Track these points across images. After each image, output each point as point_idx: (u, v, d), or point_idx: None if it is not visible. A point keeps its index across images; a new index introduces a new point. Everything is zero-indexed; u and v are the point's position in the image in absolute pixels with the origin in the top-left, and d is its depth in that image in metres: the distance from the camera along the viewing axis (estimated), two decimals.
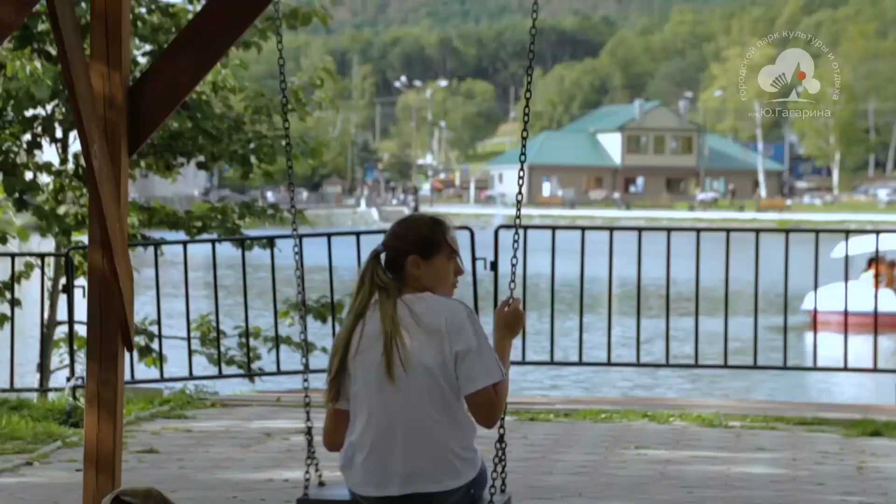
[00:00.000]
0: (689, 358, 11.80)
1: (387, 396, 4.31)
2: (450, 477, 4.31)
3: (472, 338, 4.29)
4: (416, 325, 4.31)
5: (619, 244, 10.85)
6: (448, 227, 4.53)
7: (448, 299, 4.40)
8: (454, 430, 4.32)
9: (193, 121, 12.05)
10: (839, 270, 12.49)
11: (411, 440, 4.29)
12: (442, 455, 4.29)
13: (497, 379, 4.32)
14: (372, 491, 4.37)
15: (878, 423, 9.20)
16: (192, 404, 9.90)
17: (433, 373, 4.28)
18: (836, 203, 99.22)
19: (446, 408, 4.31)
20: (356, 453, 4.39)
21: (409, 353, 4.28)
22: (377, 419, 4.33)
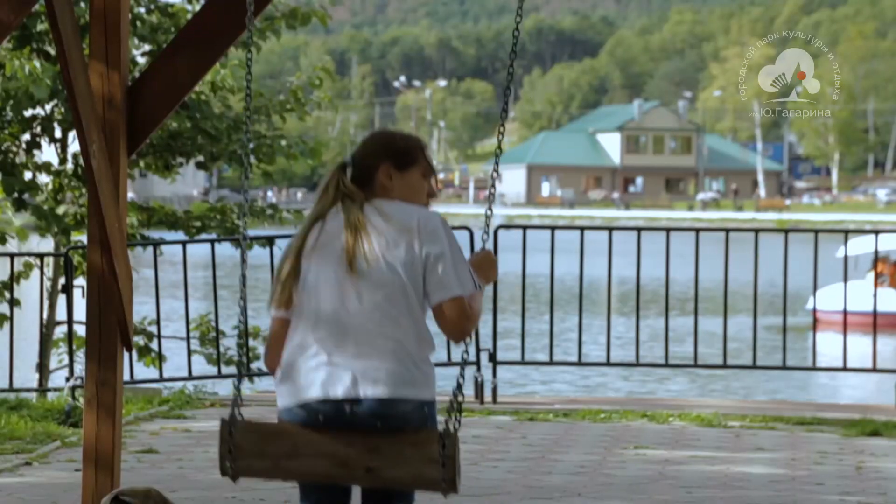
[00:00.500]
0: (688, 358, 11.80)
1: (343, 291, 3.95)
2: (405, 385, 3.91)
3: (445, 244, 3.97)
4: (386, 223, 3.97)
5: (618, 244, 10.85)
6: (425, 144, 4.24)
7: (422, 209, 4.05)
8: (414, 336, 3.94)
9: (192, 121, 12.05)
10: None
11: (366, 339, 3.92)
12: (398, 359, 3.91)
13: (471, 290, 3.96)
14: (315, 393, 3.94)
15: (877, 423, 9.20)
16: (191, 404, 9.89)
17: (398, 270, 3.92)
18: (836, 203, 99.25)
19: (409, 310, 3.94)
20: (299, 358, 3.99)
21: (374, 248, 3.94)
22: (329, 317, 3.96)
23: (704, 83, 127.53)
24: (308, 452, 3.94)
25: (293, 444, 3.96)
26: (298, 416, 4.01)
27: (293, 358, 4.03)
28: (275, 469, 4.03)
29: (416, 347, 3.96)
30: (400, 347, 3.93)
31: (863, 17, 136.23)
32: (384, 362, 3.91)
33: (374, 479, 3.92)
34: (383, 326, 3.93)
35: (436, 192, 4.19)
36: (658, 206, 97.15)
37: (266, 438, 4.02)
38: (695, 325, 10.81)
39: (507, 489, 7.13)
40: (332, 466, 3.92)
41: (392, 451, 3.89)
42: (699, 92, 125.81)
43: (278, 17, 12.28)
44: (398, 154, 4.15)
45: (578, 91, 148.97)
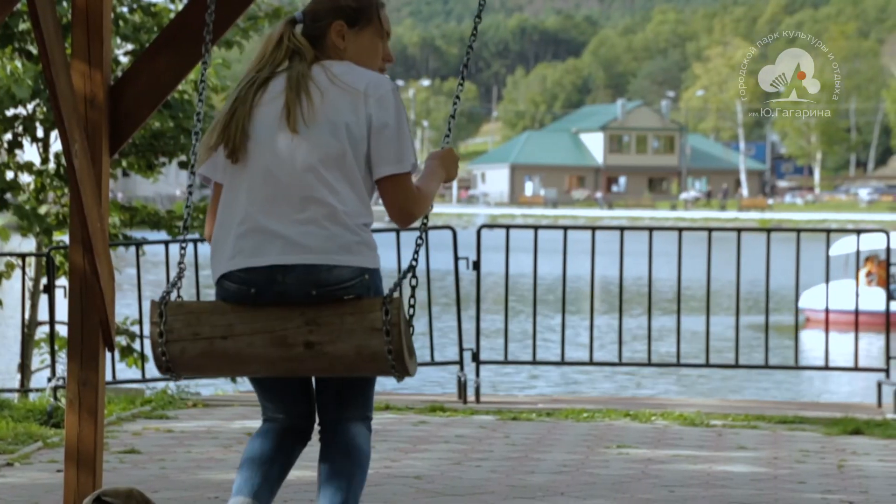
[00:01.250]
0: (671, 357, 11.84)
1: (278, 152, 3.71)
2: (339, 250, 3.67)
3: (392, 113, 3.75)
4: (331, 82, 3.75)
5: (601, 244, 10.87)
6: (383, 3, 4.01)
7: (374, 73, 3.82)
8: (351, 202, 3.70)
9: (175, 120, 12.04)
10: (835, 269, 12.55)
11: (299, 203, 3.68)
12: (332, 224, 3.67)
13: (409, 168, 3.74)
14: (244, 261, 3.72)
15: (858, 421, 9.24)
16: (174, 404, 9.88)
17: (339, 134, 3.70)
18: (818, 202, 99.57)
19: (346, 176, 3.71)
20: (228, 224, 3.77)
21: (315, 109, 3.70)
22: (261, 179, 3.72)
23: (687, 83, 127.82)
24: (243, 331, 3.67)
25: (228, 322, 3.69)
26: (230, 290, 3.76)
27: (223, 224, 3.79)
28: (210, 352, 3.70)
29: (352, 213, 3.70)
30: (333, 213, 3.67)
31: (845, 17, 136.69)
32: (317, 227, 3.66)
33: (316, 356, 3.64)
34: (317, 191, 3.68)
35: (392, 56, 3.99)
36: (641, 206, 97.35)
37: (200, 318, 3.74)
38: (677, 325, 10.84)
39: (489, 488, 7.14)
40: (270, 344, 3.64)
41: (331, 322, 3.61)
42: (682, 91, 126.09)
43: (261, 17, 12.27)
44: (352, 11, 3.91)
45: (561, 90, 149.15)
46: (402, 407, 9.81)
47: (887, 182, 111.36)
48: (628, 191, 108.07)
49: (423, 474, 7.49)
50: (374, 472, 7.60)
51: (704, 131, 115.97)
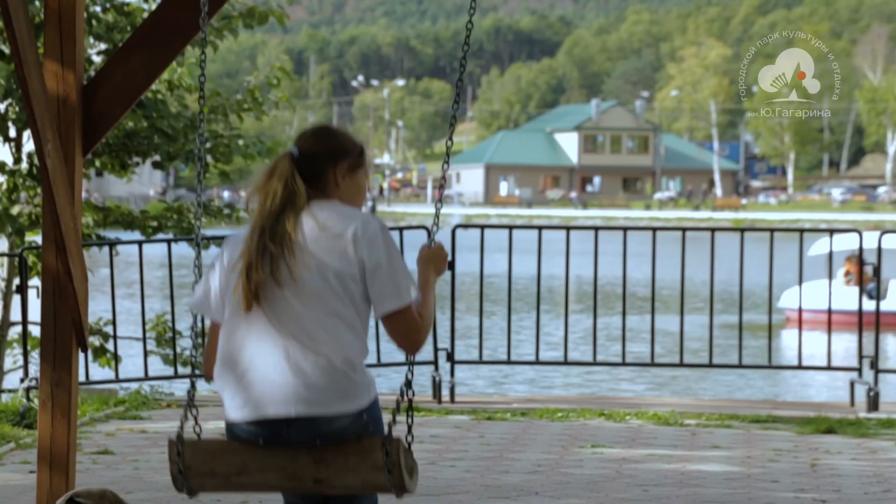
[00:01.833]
0: (645, 356, 11.85)
1: (273, 303, 3.84)
2: (338, 400, 3.81)
3: (383, 252, 3.84)
4: (321, 230, 3.84)
5: (575, 244, 10.88)
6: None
7: (359, 213, 3.92)
8: (348, 345, 3.82)
9: (149, 120, 11.99)
10: (816, 269, 12.56)
11: (296, 354, 3.80)
12: (329, 374, 3.80)
13: (408, 301, 3.83)
14: (247, 414, 3.85)
15: (831, 420, 9.28)
16: (148, 405, 9.85)
17: (329, 280, 3.80)
18: (791, 202, 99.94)
19: (340, 321, 3.82)
20: (230, 370, 3.91)
21: (304, 260, 3.82)
22: (258, 328, 3.85)
23: (661, 83, 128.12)
24: (256, 468, 3.91)
25: (241, 461, 3.93)
26: (240, 435, 3.95)
27: (225, 370, 3.95)
28: (227, 484, 3.98)
29: (347, 358, 3.84)
30: (329, 363, 3.81)
31: (818, 18, 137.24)
32: (315, 379, 3.81)
33: (326, 488, 3.90)
34: (313, 340, 3.81)
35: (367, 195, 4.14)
36: (615, 206, 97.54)
37: (215, 457, 3.97)
38: (651, 324, 10.86)
39: (464, 488, 7.14)
40: (282, 479, 3.91)
41: (337, 462, 3.85)
42: (656, 91, 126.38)
43: (235, 17, 12.24)
44: (353, 154, 4.03)
45: (536, 90, 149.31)
46: None
47: (860, 182, 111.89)
48: (603, 191, 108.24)
49: None
50: None
51: (678, 131, 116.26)
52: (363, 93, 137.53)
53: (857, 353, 10.47)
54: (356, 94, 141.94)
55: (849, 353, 10.68)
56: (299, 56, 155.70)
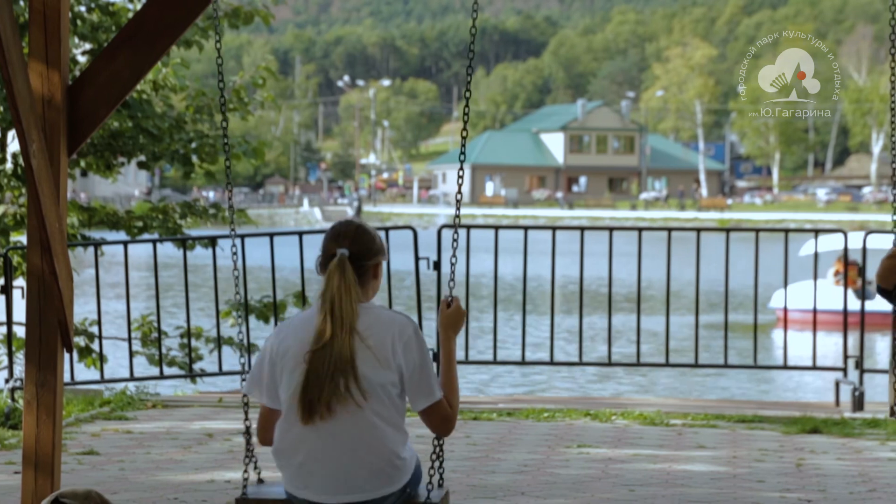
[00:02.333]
0: (631, 356, 11.87)
1: (328, 413, 4.34)
2: (387, 484, 4.38)
3: (417, 356, 4.35)
4: (365, 346, 4.31)
5: (561, 244, 10.89)
6: None
7: (395, 314, 4.40)
8: (392, 441, 4.37)
9: (134, 120, 11.97)
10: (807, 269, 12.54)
11: (349, 452, 4.33)
12: (379, 465, 4.35)
13: (440, 396, 4.39)
14: (308, 494, 4.38)
15: (816, 420, 9.30)
16: (133, 405, 9.83)
17: (377, 390, 4.31)
18: (777, 202, 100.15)
19: (386, 420, 4.35)
20: (290, 455, 4.38)
21: (358, 376, 4.31)
22: (312, 434, 4.34)
23: (647, 83, 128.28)
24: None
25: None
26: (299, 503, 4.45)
27: (283, 456, 4.40)
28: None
29: (396, 448, 4.38)
30: (381, 455, 4.35)
31: (802, 18, 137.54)
32: (369, 471, 4.35)
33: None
34: (365, 439, 4.32)
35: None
36: (601, 206, 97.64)
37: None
38: (637, 324, 10.87)
39: (451, 488, 7.13)
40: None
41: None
42: (642, 92, 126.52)
43: (221, 17, 12.22)
44: (384, 253, 4.50)
45: (522, 91, 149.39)
46: None
47: (845, 182, 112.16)
48: (588, 191, 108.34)
49: None
50: None
51: (664, 131, 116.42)
52: (349, 93, 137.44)
53: (843, 353, 10.49)
54: (342, 94, 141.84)
55: (838, 352, 10.68)
56: (285, 56, 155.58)
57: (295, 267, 11.11)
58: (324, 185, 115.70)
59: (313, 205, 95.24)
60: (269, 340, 4.40)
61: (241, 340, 5.23)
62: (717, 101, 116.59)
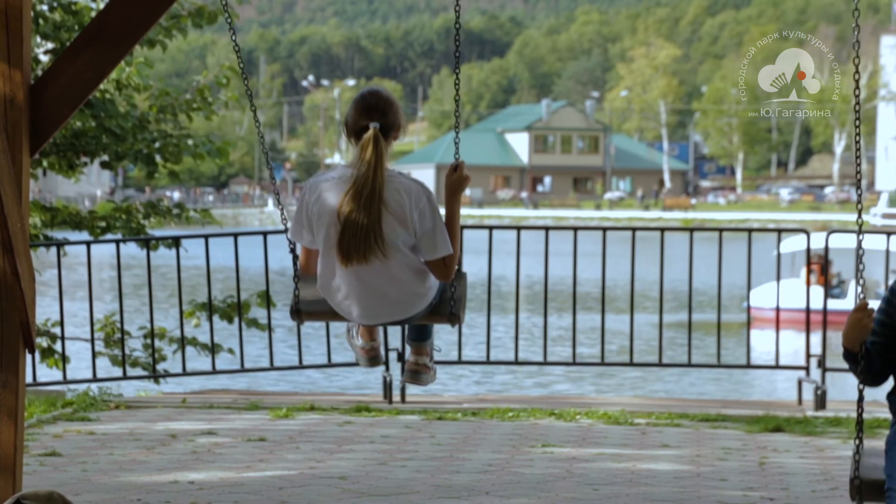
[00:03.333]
0: (596, 356, 11.90)
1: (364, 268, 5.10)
2: (415, 308, 5.24)
3: (429, 221, 5.11)
4: (386, 209, 5.04)
5: (526, 243, 10.91)
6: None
7: (412, 182, 5.10)
8: (412, 283, 5.16)
9: (97, 119, 11.91)
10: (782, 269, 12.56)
11: (380, 291, 5.14)
12: (404, 299, 5.19)
13: (445, 254, 5.15)
14: (354, 318, 5.25)
15: (779, 419, 9.35)
16: (96, 406, 9.79)
17: (398, 245, 5.08)
18: (740, 202, 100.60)
19: (407, 266, 5.13)
20: (336, 292, 5.18)
21: (385, 237, 5.07)
22: (351, 275, 5.11)
23: (611, 83, 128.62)
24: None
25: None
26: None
27: (328, 289, 5.21)
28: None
29: (419, 283, 5.18)
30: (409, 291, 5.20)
31: (766, 19, 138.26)
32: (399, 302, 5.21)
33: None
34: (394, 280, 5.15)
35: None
36: (566, 206, 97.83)
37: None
38: (602, 324, 10.90)
39: (415, 488, 7.15)
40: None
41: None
42: (606, 92, 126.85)
43: (184, 16, 12.18)
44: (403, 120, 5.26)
45: (487, 91, 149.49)
46: (327, 407, 9.78)
47: (807, 182, 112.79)
48: (553, 190, 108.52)
49: (349, 474, 7.48)
50: (298, 472, 7.58)
51: (628, 131, 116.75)
52: (314, 92, 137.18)
53: (805, 352, 10.55)
54: (307, 94, 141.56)
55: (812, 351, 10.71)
56: (249, 56, 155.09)
57: (259, 267, 11.09)
58: (289, 185, 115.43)
59: (278, 205, 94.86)
60: (305, 195, 5.16)
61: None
62: (680, 101, 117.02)
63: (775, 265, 11.43)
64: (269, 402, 10.02)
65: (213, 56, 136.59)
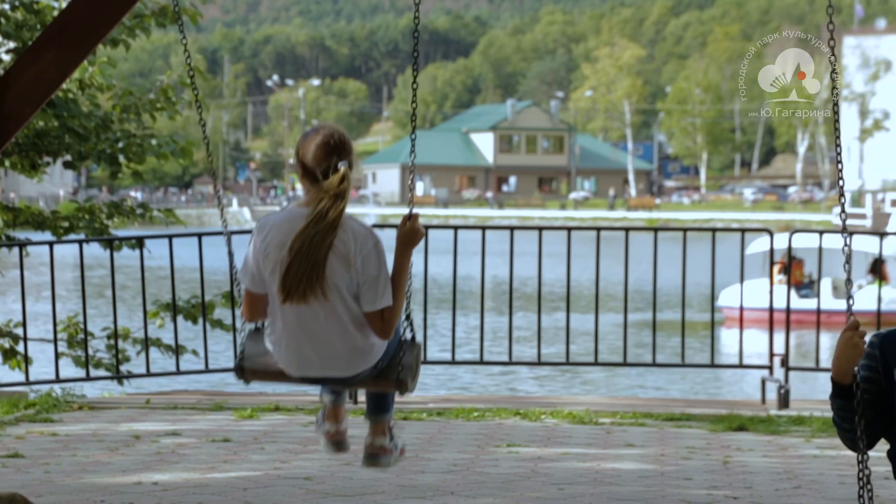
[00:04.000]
0: (561, 356, 11.92)
1: (303, 308, 4.96)
2: (360, 365, 5.03)
3: (373, 269, 4.91)
4: (334, 249, 4.90)
5: (491, 243, 10.91)
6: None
7: (362, 227, 4.95)
8: (356, 330, 4.97)
9: (60, 119, 11.84)
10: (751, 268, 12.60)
11: (322, 342, 4.97)
12: (348, 350, 4.99)
13: (383, 306, 4.94)
14: (293, 371, 5.06)
15: (743, 418, 9.39)
16: (59, 407, 9.73)
17: (341, 290, 4.91)
18: (704, 202, 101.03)
19: (349, 313, 4.95)
20: (278, 339, 5.03)
21: (327, 278, 4.92)
22: (293, 317, 4.96)
23: (576, 83, 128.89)
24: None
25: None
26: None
27: (276, 339, 5.05)
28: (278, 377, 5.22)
29: (361, 336, 4.98)
30: (351, 343, 4.99)
31: (729, 19, 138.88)
32: (342, 356, 5.01)
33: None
34: (337, 329, 4.97)
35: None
36: (531, 206, 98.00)
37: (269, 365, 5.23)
38: (567, 324, 10.92)
39: (380, 488, 7.14)
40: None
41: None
42: (571, 92, 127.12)
43: (147, 15, 12.12)
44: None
45: (452, 90, 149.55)
46: (292, 408, 9.76)
47: (771, 182, 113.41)
48: (518, 190, 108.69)
49: (314, 475, 7.47)
50: (263, 473, 7.56)
51: (593, 131, 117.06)
52: (278, 92, 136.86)
53: (769, 351, 10.60)
54: (271, 94, 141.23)
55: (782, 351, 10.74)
56: (213, 55, 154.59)
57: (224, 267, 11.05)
58: (253, 185, 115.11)
59: (242, 205, 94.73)
60: (254, 235, 4.97)
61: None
62: (645, 101, 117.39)
63: (748, 265, 11.49)
64: (233, 403, 9.99)
65: (176, 56, 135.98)
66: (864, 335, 3.99)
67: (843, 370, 3.99)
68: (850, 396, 3.99)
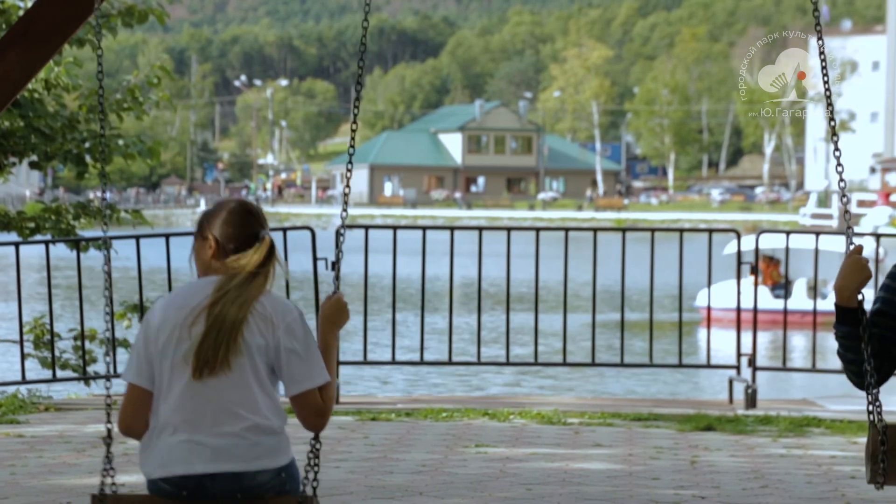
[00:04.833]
0: (529, 356, 11.92)
1: (209, 381, 4.18)
2: (260, 457, 4.20)
3: (300, 339, 4.19)
4: (252, 318, 4.20)
5: (460, 244, 10.91)
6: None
7: (286, 301, 4.27)
8: (267, 412, 4.20)
9: (25, 119, 11.77)
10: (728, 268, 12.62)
11: (223, 417, 4.16)
12: (253, 434, 4.18)
13: (321, 382, 4.19)
14: (177, 469, 4.18)
15: (710, 417, 9.42)
16: (25, 409, 9.67)
17: (254, 356, 4.17)
18: (672, 202, 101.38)
19: (261, 390, 4.18)
20: (162, 432, 4.22)
21: (246, 338, 4.19)
22: (191, 395, 4.18)
23: (544, 84, 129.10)
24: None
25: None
26: (164, 489, 4.23)
27: (157, 432, 4.24)
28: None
29: (271, 421, 4.21)
30: (255, 424, 4.19)
31: (696, 20, 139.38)
32: (242, 438, 4.18)
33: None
34: (239, 404, 4.17)
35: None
36: (499, 206, 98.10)
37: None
38: (535, 324, 10.93)
39: (348, 489, 7.12)
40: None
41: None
42: (539, 92, 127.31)
43: (114, 15, 12.07)
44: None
45: (420, 91, 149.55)
46: None
47: (738, 182, 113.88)
48: (487, 191, 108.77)
49: None
50: None
51: (561, 132, 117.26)
52: (246, 93, 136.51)
53: (736, 351, 10.63)
54: (239, 94, 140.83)
55: (759, 351, 10.79)
56: (181, 55, 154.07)
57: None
58: (221, 186, 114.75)
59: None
60: (146, 319, 4.28)
61: (107, 336, 5.02)
62: (612, 101, 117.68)
63: (724, 265, 11.54)
64: None
65: (143, 56, 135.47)
66: (868, 262, 3.91)
67: (850, 293, 3.89)
68: (856, 323, 3.88)
